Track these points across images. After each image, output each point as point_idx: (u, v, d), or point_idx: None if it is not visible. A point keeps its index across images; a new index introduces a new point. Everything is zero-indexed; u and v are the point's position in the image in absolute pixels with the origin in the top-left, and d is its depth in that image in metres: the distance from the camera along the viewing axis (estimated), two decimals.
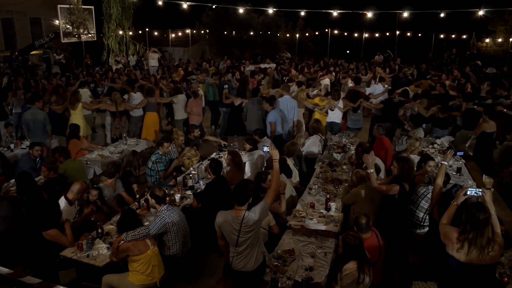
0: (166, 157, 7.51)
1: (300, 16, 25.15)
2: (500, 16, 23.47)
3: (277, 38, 28.25)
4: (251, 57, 22.75)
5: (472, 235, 3.82)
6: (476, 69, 17.48)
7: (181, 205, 6.13)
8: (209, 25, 27.49)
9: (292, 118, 9.75)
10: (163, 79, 13.64)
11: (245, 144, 7.72)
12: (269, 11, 22.11)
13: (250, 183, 4.52)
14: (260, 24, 27.62)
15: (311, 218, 5.65)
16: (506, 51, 24.04)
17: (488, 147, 9.02)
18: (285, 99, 9.70)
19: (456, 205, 4.26)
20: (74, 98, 9.92)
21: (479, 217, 3.81)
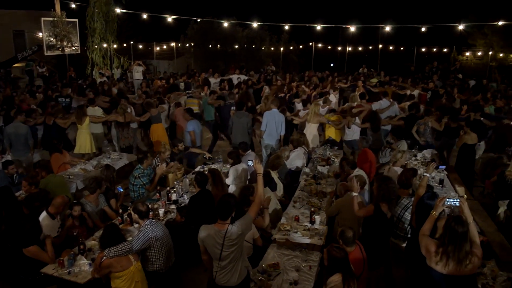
0: (148, 170, 7.47)
1: (285, 29, 25.40)
2: (480, 30, 24.03)
3: (261, 52, 28.42)
4: (235, 70, 22.82)
5: (450, 248, 3.87)
6: (456, 82, 17.83)
7: (165, 220, 6.07)
8: (194, 38, 27.56)
9: (280, 132, 9.63)
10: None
11: (228, 158, 7.71)
12: (253, 25, 22.25)
13: (232, 198, 4.50)
14: (245, 37, 27.79)
15: (296, 231, 5.65)
16: (486, 64, 24.57)
17: (469, 159, 9.14)
18: (273, 112, 9.62)
19: (435, 215, 4.29)
20: (81, 113, 9.77)
21: (457, 230, 3.85)
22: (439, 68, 21.86)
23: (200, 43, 27.40)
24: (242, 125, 9.73)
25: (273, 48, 29.20)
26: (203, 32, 26.86)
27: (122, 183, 8.03)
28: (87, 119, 9.84)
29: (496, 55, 24.32)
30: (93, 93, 11.62)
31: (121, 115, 10.21)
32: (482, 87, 15.10)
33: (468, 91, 14.65)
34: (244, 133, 9.70)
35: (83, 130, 9.80)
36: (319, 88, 14.94)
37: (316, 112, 10.18)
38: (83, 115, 9.76)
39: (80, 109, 9.89)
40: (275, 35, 28.80)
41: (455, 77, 19.90)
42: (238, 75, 17.82)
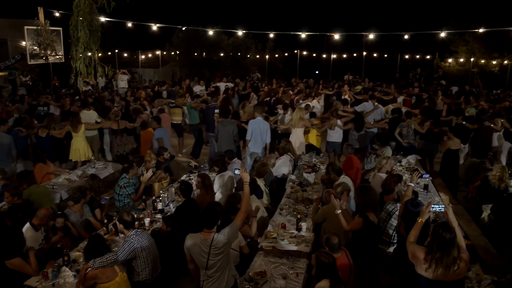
0: (134, 179, 7.42)
1: (270, 37, 25.54)
2: (461, 37, 24.46)
3: (247, 59, 28.55)
4: (221, 78, 22.84)
5: (439, 255, 3.89)
6: (438, 88, 18.09)
7: (151, 229, 6.02)
8: (179, 46, 27.57)
9: (265, 140, 9.61)
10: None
11: (214, 166, 7.70)
12: (238, 33, 22.32)
13: (218, 206, 4.49)
14: (230, 45, 27.90)
15: (283, 238, 5.65)
16: (468, 71, 25.00)
17: (453, 164, 9.25)
18: (257, 121, 9.60)
19: (421, 222, 4.32)
20: (76, 120, 9.65)
21: (445, 237, 3.87)
22: (422, 74, 22.18)
23: (185, 51, 27.42)
24: (227, 133, 9.72)
25: (258, 56, 29.35)
26: (188, 40, 26.89)
27: (107, 193, 7.97)
28: (83, 127, 9.75)
29: (478, 62, 24.76)
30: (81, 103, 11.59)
31: (114, 122, 10.15)
32: (464, 93, 15.31)
33: (452, 96, 14.86)
34: (229, 141, 9.68)
35: (79, 138, 9.70)
36: (302, 94, 15.03)
37: (301, 116, 10.23)
38: (78, 123, 9.66)
39: (75, 117, 9.76)
40: (260, 43, 28.99)
41: (438, 83, 20.18)
42: (225, 83, 17.84)
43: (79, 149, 9.67)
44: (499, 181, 7.11)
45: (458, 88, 18.01)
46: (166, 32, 24.57)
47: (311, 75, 26.21)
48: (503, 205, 6.57)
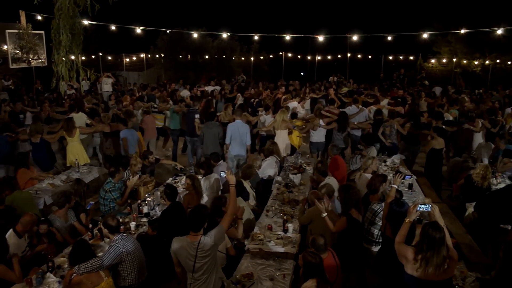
0: (119, 183, 7.36)
1: (254, 40, 25.59)
2: (444, 38, 24.79)
3: (232, 62, 28.56)
4: (207, 80, 22.82)
5: (429, 254, 3.90)
6: (420, 88, 18.36)
7: (136, 233, 5.98)
8: (164, 49, 27.48)
9: (245, 143, 9.58)
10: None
11: (200, 169, 7.69)
12: (223, 35, 22.34)
13: (204, 209, 4.49)
14: (215, 48, 27.89)
15: (269, 240, 5.65)
16: (451, 71, 25.34)
17: (437, 163, 9.36)
18: (236, 124, 9.56)
19: (409, 222, 4.35)
20: (70, 125, 9.54)
21: (435, 236, 3.89)
22: (406, 75, 22.42)
23: (170, 54, 27.34)
24: (213, 136, 9.71)
25: (243, 58, 29.37)
26: (173, 43, 26.82)
27: (92, 198, 7.90)
28: (77, 131, 9.65)
29: (460, 62, 25.12)
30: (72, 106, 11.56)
31: (107, 125, 10.13)
32: (447, 94, 15.55)
33: (435, 98, 15.05)
34: (215, 143, 9.67)
35: (74, 142, 9.60)
36: (288, 95, 15.05)
37: (284, 118, 10.27)
38: (73, 128, 9.57)
39: (70, 121, 9.67)
40: (245, 45, 29.03)
41: (421, 84, 20.42)
42: (213, 87, 17.84)
43: (75, 154, 9.58)
44: (482, 179, 7.21)
45: (442, 88, 18.24)
46: (151, 34, 24.45)
47: (297, 77, 26.32)
48: (486, 203, 6.66)
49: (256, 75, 28.83)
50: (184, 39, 26.39)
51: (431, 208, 4.34)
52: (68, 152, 9.60)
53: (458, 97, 14.26)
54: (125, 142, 9.56)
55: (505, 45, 22.93)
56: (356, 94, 15.11)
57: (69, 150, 9.57)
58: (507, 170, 8.41)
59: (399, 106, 12.78)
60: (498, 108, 12.98)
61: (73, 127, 9.55)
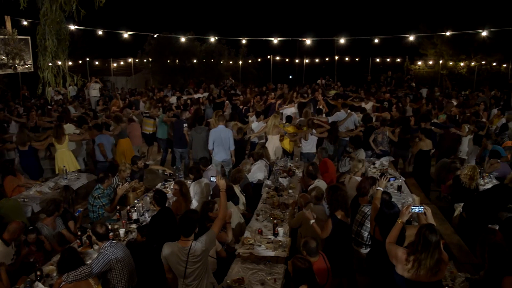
0: (108, 190, 7.30)
1: (242, 43, 25.63)
2: (430, 40, 25.06)
3: (220, 66, 28.56)
4: (195, 85, 22.78)
5: (423, 256, 3.92)
6: (407, 91, 18.53)
7: (126, 240, 5.93)
8: (151, 53, 27.40)
9: (228, 148, 9.55)
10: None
11: (189, 174, 7.66)
12: (211, 39, 22.32)
13: (195, 213, 4.47)
14: (203, 52, 27.87)
15: (260, 244, 5.64)
16: (437, 72, 25.61)
17: (425, 164, 9.45)
18: (218, 129, 9.52)
19: (401, 223, 4.37)
20: (60, 131, 9.44)
21: (431, 239, 3.91)
22: (393, 77, 22.60)
23: (158, 58, 27.27)
24: (202, 140, 9.69)
25: (231, 62, 29.41)
26: (160, 47, 26.76)
27: (80, 204, 7.83)
28: (67, 138, 9.56)
29: (446, 64, 25.41)
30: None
31: (94, 131, 10.08)
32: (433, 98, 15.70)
33: (421, 100, 15.18)
34: (204, 148, 9.65)
35: (63, 149, 9.49)
36: (281, 100, 15.04)
37: (276, 124, 10.23)
38: (62, 134, 9.47)
39: (59, 128, 9.57)
40: (233, 49, 29.08)
41: (409, 86, 20.60)
42: (202, 94, 17.74)
43: (64, 161, 9.48)
44: (470, 180, 7.27)
45: (428, 90, 18.42)
46: (138, 39, 24.41)
47: (285, 80, 26.40)
48: (474, 204, 6.73)
49: (245, 78, 28.87)
50: (171, 44, 26.35)
51: (424, 210, 4.37)
52: (57, 159, 9.49)
53: (447, 101, 14.38)
54: (102, 147, 9.52)
55: (490, 47, 23.26)
56: (342, 98, 15.20)
57: (58, 157, 9.46)
58: (494, 170, 8.51)
59: (385, 112, 12.85)
60: (484, 109, 13.15)
61: (63, 134, 9.47)
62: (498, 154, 8.73)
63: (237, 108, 13.93)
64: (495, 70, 24.82)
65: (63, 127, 9.69)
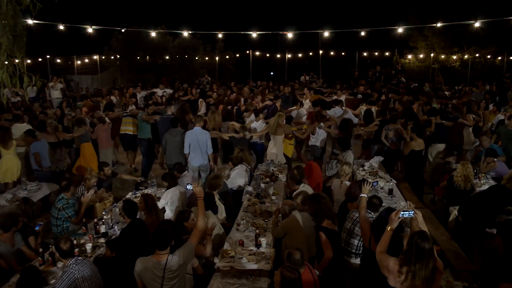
0: (73, 199, 7.20)
1: (219, 38, 25.60)
2: (420, 32, 25.42)
3: (195, 62, 28.47)
4: (168, 83, 22.65)
5: (418, 266, 3.91)
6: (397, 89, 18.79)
7: (93, 256, 5.84)
8: (119, 50, 27.15)
9: (205, 151, 9.49)
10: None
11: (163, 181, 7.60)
12: (184, 34, 22.24)
13: (170, 225, 4.44)
14: (176, 47, 27.74)
15: (241, 257, 5.61)
16: (429, 66, 25.99)
17: (418, 166, 9.55)
18: (194, 131, 9.46)
19: (391, 230, 4.38)
20: (7, 136, 9.23)
21: (424, 247, 3.91)
22: (382, 72, 22.85)
23: (126, 55, 27.05)
24: (177, 144, 9.62)
25: (207, 58, 29.34)
26: (129, 43, 26.54)
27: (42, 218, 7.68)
28: (14, 143, 9.37)
29: (438, 57, 25.80)
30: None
31: (52, 135, 9.88)
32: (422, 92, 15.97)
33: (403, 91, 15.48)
34: (178, 152, 9.59)
35: (9, 155, 9.29)
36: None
37: (280, 123, 10.21)
38: (9, 139, 9.28)
39: (6, 132, 9.39)
40: (209, 44, 28.98)
41: (398, 81, 20.86)
42: (163, 90, 17.60)
43: (9, 168, 9.29)
44: (465, 180, 7.37)
45: (418, 85, 18.69)
46: (104, 34, 24.10)
47: (266, 77, 26.48)
48: (469, 206, 6.81)
49: (222, 75, 28.85)
50: (141, 39, 26.14)
51: (414, 214, 4.40)
52: (2, 167, 9.30)
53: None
54: (38, 157, 9.34)
55: (483, 38, 23.67)
56: (318, 94, 15.40)
57: (2, 164, 9.28)
58: (491, 170, 8.63)
59: (372, 105, 13.08)
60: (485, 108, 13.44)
61: (9, 138, 9.29)
62: (495, 152, 8.86)
63: (216, 107, 13.84)
64: (489, 63, 25.31)
65: (10, 131, 9.50)
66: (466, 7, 22.64)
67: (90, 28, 17.14)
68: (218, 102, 14.42)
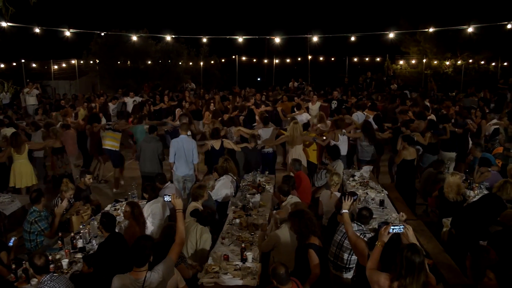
0: (45, 212, 7.12)
1: (203, 42, 25.61)
2: (412, 37, 25.69)
3: (179, 67, 28.41)
4: (150, 89, 22.60)
5: (409, 281, 3.94)
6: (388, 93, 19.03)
7: (70, 272, 5.78)
8: (98, 54, 26.99)
9: (191, 161, 9.47)
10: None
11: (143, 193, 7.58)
12: (167, 38, 22.24)
13: (149, 240, 4.41)
14: (159, 52, 27.66)
15: (226, 272, 5.59)
16: (421, 73, 26.23)
17: (409, 175, 9.60)
18: (180, 139, 9.43)
19: (381, 246, 4.40)
20: (19, 140, 9.35)
21: (415, 260, 3.95)
22: (373, 78, 23.03)
23: (106, 59, 26.89)
24: (151, 151, 9.60)
25: (191, 63, 29.31)
26: (109, 47, 26.40)
27: (15, 232, 7.60)
28: (26, 147, 9.45)
29: (431, 63, 26.07)
30: None
31: (58, 140, 10.03)
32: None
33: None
34: (153, 160, 9.58)
35: (22, 159, 9.40)
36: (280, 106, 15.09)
37: (301, 131, 10.27)
38: (22, 143, 9.36)
39: (17, 136, 9.47)
40: (193, 49, 28.96)
41: (389, 88, 21.06)
42: (133, 98, 17.47)
43: (23, 173, 9.39)
44: (456, 193, 7.41)
45: (409, 92, 18.88)
46: (83, 38, 23.97)
47: (252, 83, 26.53)
48: (462, 218, 6.87)
49: (207, 81, 28.83)
50: (122, 43, 26.03)
51: (404, 229, 4.43)
52: (14, 171, 9.39)
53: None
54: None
55: (477, 44, 23.97)
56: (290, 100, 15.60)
57: (16, 169, 9.35)
58: (485, 180, 8.72)
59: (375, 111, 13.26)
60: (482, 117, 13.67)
61: (22, 142, 9.40)
62: (489, 162, 8.97)
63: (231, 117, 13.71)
64: (483, 69, 25.63)
65: (23, 136, 9.63)
66: (459, 12, 22.94)
67: (67, 31, 17.03)
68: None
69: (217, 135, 10.09)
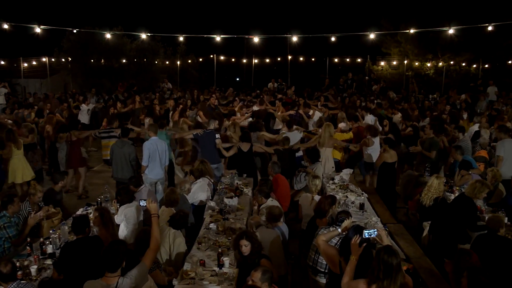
0: (16, 218, 7.00)
1: (180, 41, 25.55)
2: (393, 38, 25.98)
3: (155, 66, 28.29)
4: (125, 88, 22.43)
5: (386, 284, 4.00)
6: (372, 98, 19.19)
7: (39, 280, 5.70)
8: (71, 52, 26.69)
9: (164, 163, 9.49)
10: None
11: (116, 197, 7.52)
12: (143, 36, 22.13)
13: (121, 244, 4.38)
14: (134, 50, 27.50)
15: (202, 278, 5.58)
16: (402, 74, 26.54)
17: (390, 179, 9.68)
18: (153, 141, 9.41)
19: (355, 260, 4.42)
20: (16, 135, 9.46)
21: (392, 263, 4.01)
22: (354, 79, 23.21)
23: (79, 57, 26.63)
24: (123, 156, 9.52)
25: (168, 62, 29.21)
26: (82, 44, 26.16)
27: None
28: (22, 142, 9.56)
29: (412, 64, 26.37)
30: None
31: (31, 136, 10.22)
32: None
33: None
34: (126, 166, 9.55)
35: (19, 155, 9.45)
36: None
37: (332, 134, 10.32)
38: (18, 138, 9.51)
39: (13, 131, 9.52)
40: (169, 47, 28.84)
41: (369, 89, 21.27)
42: (87, 105, 17.01)
43: (20, 168, 9.45)
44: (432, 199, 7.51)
45: (380, 91, 19.13)
46: (54, 34, 23.68)
47: (231, 83, 26.54)
48: (439, 221, 6.97)
49: (184, 81, 28.76)
50: (96, 40, 25.82)
51: (378, 231, 4.47)
52: (14, 167, 9.40)
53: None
54: None
55: (458, 45, 24.34)
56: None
57: (15, 164, 9.36)
58: (465, 183, 8.84)
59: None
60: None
61: (17, 137, 9.54)
62: (469, 165, 9.09)
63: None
64: (464, 71, 26.02)
65: (20, 130, 9.62)
66: (440, 13, 23.29)
67: (38, 27, 16.86)
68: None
69: (248, 139, 10.18)
